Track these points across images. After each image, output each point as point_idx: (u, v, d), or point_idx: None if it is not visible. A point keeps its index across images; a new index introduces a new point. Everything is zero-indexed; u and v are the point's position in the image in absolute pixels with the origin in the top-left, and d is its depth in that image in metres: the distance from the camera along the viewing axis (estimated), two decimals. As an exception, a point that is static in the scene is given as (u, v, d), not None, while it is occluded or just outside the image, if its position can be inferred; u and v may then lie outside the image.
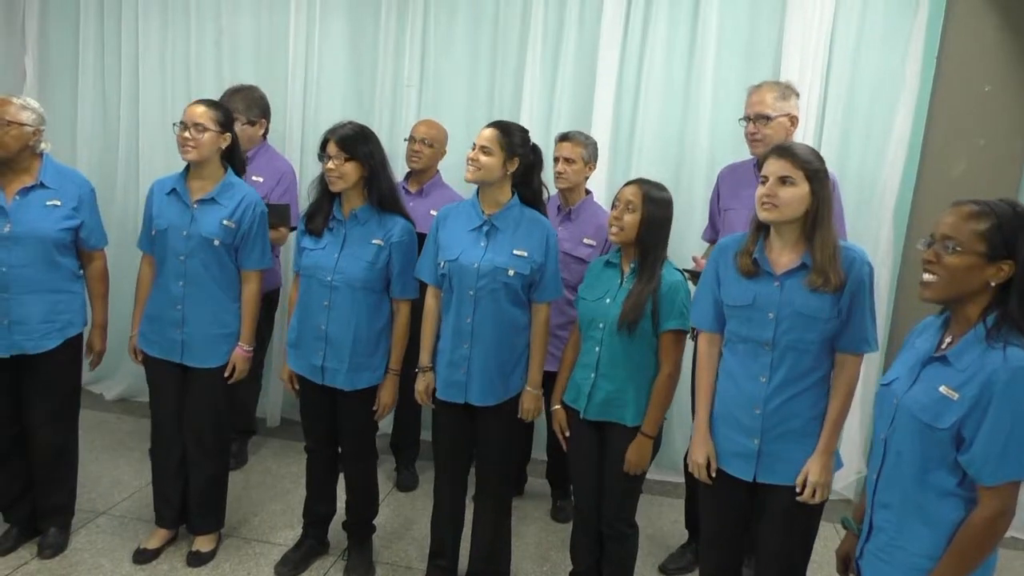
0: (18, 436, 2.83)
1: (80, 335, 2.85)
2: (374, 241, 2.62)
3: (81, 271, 2.84)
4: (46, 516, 2.93)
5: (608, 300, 2.44)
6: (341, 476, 2.93)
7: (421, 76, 4.04)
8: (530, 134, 2.62)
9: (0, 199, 2.63)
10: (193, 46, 4.23)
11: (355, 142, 2.55)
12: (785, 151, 2.05)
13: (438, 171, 3.58)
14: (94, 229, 2.81)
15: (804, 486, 2.06)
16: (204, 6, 4.20)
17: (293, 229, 3.55)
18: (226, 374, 2.83)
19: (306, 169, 3.97)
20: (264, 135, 3.65)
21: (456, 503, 2.76)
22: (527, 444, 3.60)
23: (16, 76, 4.40)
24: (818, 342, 2.05)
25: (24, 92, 4.26)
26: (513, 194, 2.57)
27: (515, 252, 2.51)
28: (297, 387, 2.80)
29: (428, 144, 3.47)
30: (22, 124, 2.61)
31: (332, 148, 2.55)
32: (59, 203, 2.69)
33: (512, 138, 2.49)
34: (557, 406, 2.61)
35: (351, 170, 2.56)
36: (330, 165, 2.55)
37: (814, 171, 2.02)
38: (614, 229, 2.43)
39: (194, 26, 4.22)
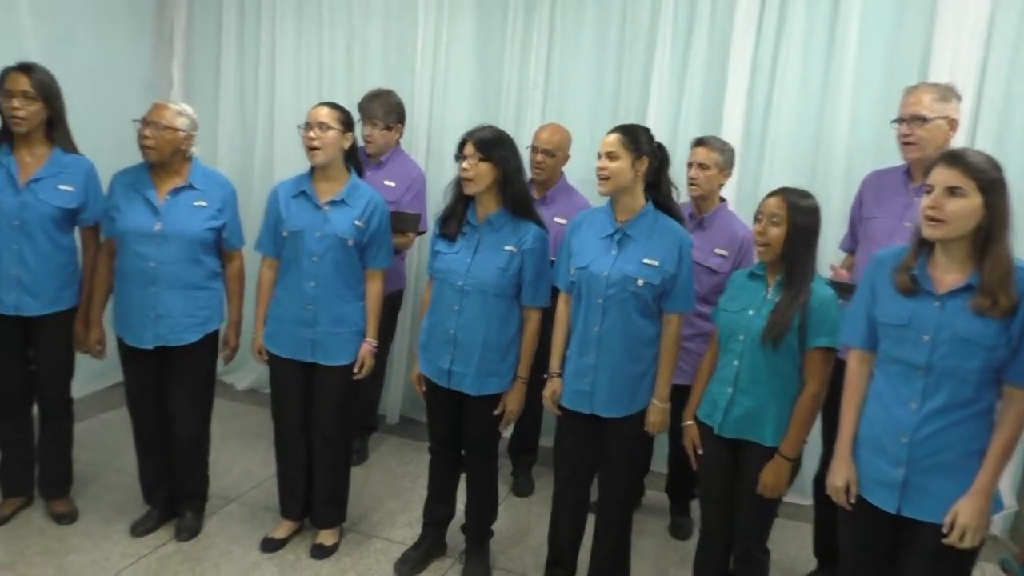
0: (161, 423, 2.97)
1: (217, 331, 2.98)
2: (507, 247, 2.62)
3: (221, 269, 2.96)
4: (183, 501, 3.08)
5: (751, 312, 2.34)
6: (462, 478, 2.95)
7: (546, 78, 4.02)
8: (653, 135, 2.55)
9: (153, 199, 2.77)
10: (326, 53, 4.37)
11: (492, 145, 2.56)
12: (956, 158, 1.87)
13: (563, 174, 3.55)
14: (235, 229, 2.93)
15: (952, 527, 1.89)
16: (336, 13, 4.33)
17: (420, 233, 3.61)
18: (355, 369, 2.89)
19: (430, 173, 4.02)
20: (398, 140, 3.73)
21: (577, 514, 2.72)
22: (647, 456, 3.52)
23: (165, 82, 4.67)
24: (980, 371, 1.87)
25: (171, 96, 4.51)
26: (647, 200, 2.51)
27: (645, 261, 2.44)
28: (424, 389, 2.83)
29: (550, 154, 3.43)
30: (176, 129, 2.74)
31: (469, 149, 2.56)
32: (205, 204, 2.82)
33: (636, 137, 2.44)
34: (690, 421, 2.52)
35: (485, 172, 2.56)
36: (465, 166, 2.56)
37: (989, 181, 1.84)
38: (760, 248, 2.33)
39: (327, 33, 4.36)
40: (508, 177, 2.60)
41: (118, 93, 4.22)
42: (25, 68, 2.75)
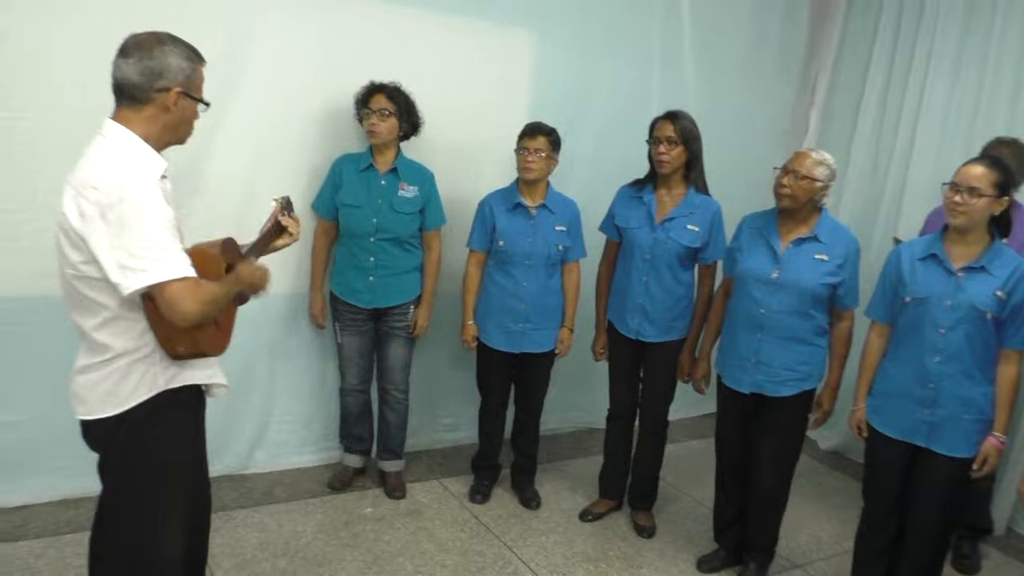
0: (744, 468, 2.97)
1: (814, 389, 2.85)
2: None
3: (829, 327, 2.82)
4: (749, 550, 3.04)
5: None
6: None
7: None
8: None
9: (776, 246, 2.77)
10: (983, 107, 3.90)
11: None
12: None
13: None
14: (852, 288, 2.76)
15: None
16: (1005, 55, 3.82)
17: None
18: (974, 466, 2.47)
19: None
20: None
21: None
22: None
23: (801, 129, 4.75)
24: None
25: (804, 143, 4.55)
26: None
27: None
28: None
29: None
30: (815, 179, 2.68)
31: None
32: (826, 258, 2.71)
33: None
34: None
35: None
36: None
37: None
38: None
39: (987, 84, 3.88)
40: None
41: (755, 139, 4.46)
42: (670, 116, 3.05)
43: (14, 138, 2.70)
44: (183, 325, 1.69)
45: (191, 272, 1.69)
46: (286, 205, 2.10)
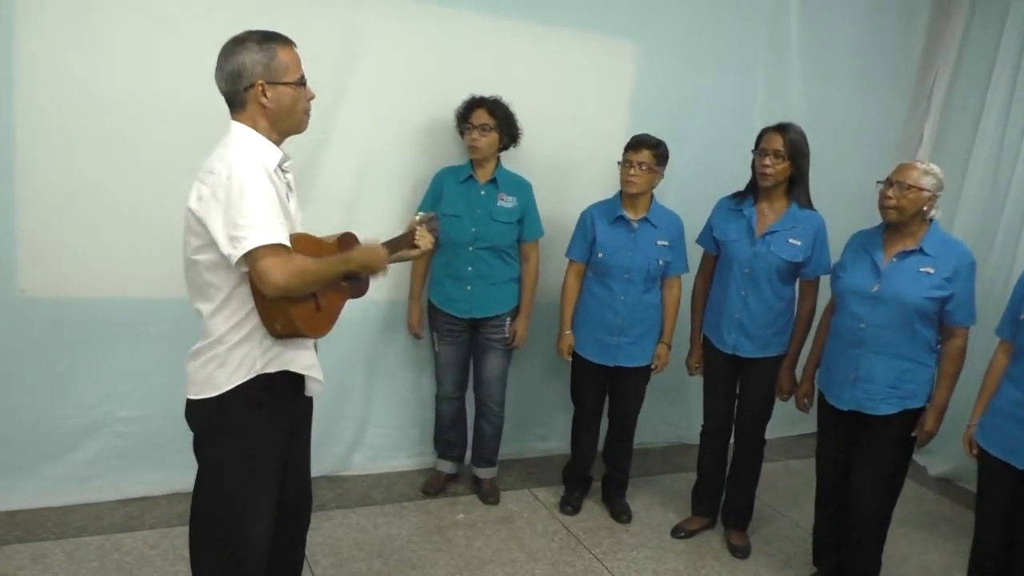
0: (845, 489, 2.85)
1: (921, 409, 2.71)
2: None
3: (938, 345, 2.70)
4: (849, 575, 2.91)
5: None
6: None
7: None
8: None
9: (879, 260, 2.67)
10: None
11: None
12: None
13: None
14: (962, 304, 2.61)
15: None
16: None
17: None
18: None
19: None
20: None
21: None
22: None
23: (913, 139, 4.55)
24: None
25: (917, 155, 4.36)
26: None
27: None
28: None
29: None
30: (921, 189, 2.59)
31: None
32: (932, 271, 2.59)
33: None
34: None
35: None
36: None
37: None
38: None
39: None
40: None
41: (864, 152, 4.30)
42: (781, 128, 2.98)
43: (139, 150, 2.87)
44: (271, 295, 1.76)
45: (284, 241, 1.76)
46: (426, 221, 2.17)
